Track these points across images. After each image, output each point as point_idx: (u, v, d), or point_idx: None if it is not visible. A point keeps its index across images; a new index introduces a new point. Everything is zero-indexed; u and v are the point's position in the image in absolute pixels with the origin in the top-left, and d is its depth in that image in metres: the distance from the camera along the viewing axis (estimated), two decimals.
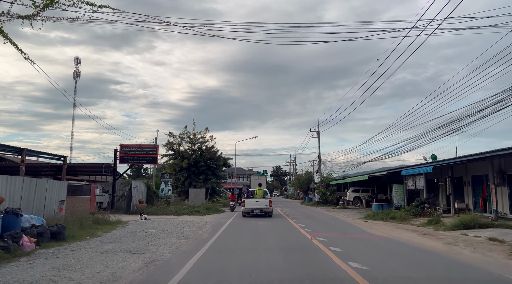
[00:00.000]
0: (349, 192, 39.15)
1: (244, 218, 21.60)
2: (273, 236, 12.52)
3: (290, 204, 47.29)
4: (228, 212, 27.85)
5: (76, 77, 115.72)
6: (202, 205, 26.80)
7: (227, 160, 41.23)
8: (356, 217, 24.12)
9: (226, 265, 7.49)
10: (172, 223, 17.25)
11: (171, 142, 39.56)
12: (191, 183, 38.81)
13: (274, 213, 24.61)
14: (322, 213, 28.54)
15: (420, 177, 26.24)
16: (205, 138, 40.95)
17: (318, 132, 49.02)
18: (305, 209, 34.33)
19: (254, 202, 21.62)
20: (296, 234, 13.17)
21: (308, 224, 17.85)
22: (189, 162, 38.58)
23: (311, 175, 64.69)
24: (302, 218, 21.84)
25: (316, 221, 19.94)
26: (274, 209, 26.41)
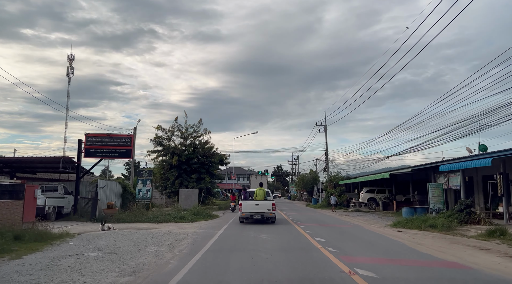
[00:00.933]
0: (362, 193, 34.30)
1: (241, 225, 16.89)
2: (282, 266, 7.68)
3: (294, 206, 42.42)
4: (223, 217, 23.05)
5: (69, 74, 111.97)
6: (191, 209, 21.97)
7: (223, 157, 36.43)
8: (382, 224, 19.30)
9: None
10: (139, 236, 12.44)
11: (160, 136, 34.80)
12: (182, 183, 34.02)
13: (277, 217, 19.98)
14: (336, 218, 23.69)
15: (455, 174, 21.49)
16: (198, 132, 36.21)
17: (325, 127, 44.26)
18: (314, 213, 29.47)
19: (254, 206, 17.67)
20: (319, 260, 8.34)
21: (327, 236, 13.02)
22: (180, 158, 33.79)
23: (316, 174, 59.88)
24: (315, 226, 17.01)
25: (336, 232, 15.10)
26: (278, 213, 21.68)
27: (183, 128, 35.80)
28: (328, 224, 18.58)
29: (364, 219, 22.78)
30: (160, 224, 17.59)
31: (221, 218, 22.84)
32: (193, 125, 36.13)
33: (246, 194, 19.87)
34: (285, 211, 31.89)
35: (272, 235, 13.05)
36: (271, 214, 17.49)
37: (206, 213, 21.82)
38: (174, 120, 35.41)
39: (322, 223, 19.10)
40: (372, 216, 25.83)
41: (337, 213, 29.08)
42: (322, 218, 23.71)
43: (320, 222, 20.18)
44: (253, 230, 14.68)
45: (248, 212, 17.47)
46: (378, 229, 16.63)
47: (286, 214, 26.90)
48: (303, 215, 26.45)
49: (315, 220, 21.24)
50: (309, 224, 18.16)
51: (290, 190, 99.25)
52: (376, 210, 31.89)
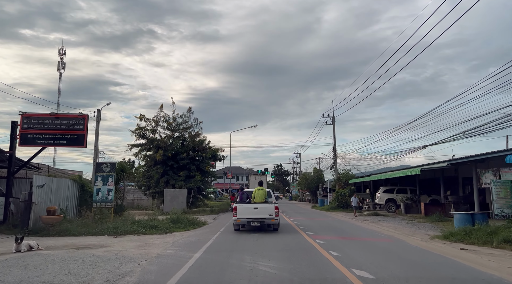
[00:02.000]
0: (379, 193, 29.26)
1: (233, 239, 11.90)
2: None
3: (299, 209, 37.37)
4: (212, 224, 18.11)
5: (60, 69, 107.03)
6: (170, 215, 16.96)
7: (217, 151, 31.36)
8: (423, 235, 14.33)
9: None
10: (60, 266, 7.45)
11: (143, 127, 29.76)
12: (168, 182, 29.01)
13: (281, 222, 15.94)
14: (358, 225, 18.67)
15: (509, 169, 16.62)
16: (188, 123, 31.17)
17: (332, 118, 39.22)
18: (325, 217, 24.42)
19: (252, 209, 13.95)
20: None
21: (370, 264, 7.95)
22: (166, 153, 28.77)
23: (320, 173, 54.87)
24: (338, 241, 11.98)
25: (376, 252, 10.02)
26: (281, 217, 16.96)
27: (170, 119, 30.78)
28: (354, 237, 13.53)
29: (393, 227, 17.78)
30: (120, 237, 12.58)
31: (210, 225, 17.81)
32: (181, 115, 31.14)
33: (242, 195, 15.71)
34: (289, 214, 26.85)
35: (279, 263, 7.99)
36: (273, 220, 13.89)
37: (190, 219, 16.77)
38: (159, 109, 30.36)
39: (344, 235, 14.04)
40: (398, 221, 20.82)
41: (351, 217, 24.02)
42: (339, 225, 18.67)
43: (340, 232, 15.14)
44: (248, 251, 9.62)
45: (245, 218, 13.88)
46: (430, 245, 11.59)
47: (292, 218, 21.87)
48: (314, 220, 21.40)
49: (333, 229, 16.21)
50: (328, 237, 13.12)
51: (291, 190, 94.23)
52: (397, 213, 26.87)
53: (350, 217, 24.79)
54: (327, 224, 18.88)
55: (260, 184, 15.89)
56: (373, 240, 12.46)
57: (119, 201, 19.31)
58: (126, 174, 19.93)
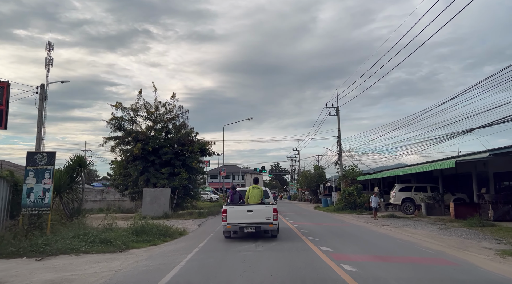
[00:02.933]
0: (395, 192, 25.18)
1: (220, 254, 7.86)
2: None
3: (300, 209, 33.29)
4: (194, 234, 14.01)
5: (48, 65, 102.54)
6: (132, 224, 12.70)
7: (206, 145, 27.16)
8: (481, 246, 10.31)
9: None
10: None
11: (120, 117, 25.54)
12: (148, 180, 24.83)
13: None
14: (383, 234, 14.55)
15: None
16: (172, 112, 26.98)
17: (337, 108, 35.13)
18: (334, 221, 20.31)
19: (245, 213, 11.70)
20: None
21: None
22: (146, 147, 24.59)
23: (321, 170, 50.84)
24: (376, 265, 7.84)
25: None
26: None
27: (152, 108, 26.58)
28: (392, 255, 9.38)
29: (427, 235, 13.74)
30: (47, 259, 8.43)
31: (190, 236, 13.65)
32: (165, 104, 26.91)
33: (234, 195, 12.82)
34: (291, 217, 22.75)
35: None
36: (271, 225, 11.65)
37: (162, 229, 12.55)
38: (138, 95, 26.13)
39: (376, 251, 9.91)
40: (426, 226, 16.78)
41: (365, 220, 19.89)
42: (358, 232, 14.56)
43: (366, 246, 11.02)
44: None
45: (236, 223, 11.61)
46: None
47: (295, 224, 17.75)
48: (323, 226, 17.27)
49: (354, 241, 12.08)
50: (355, 256, 8.96)
51: (289, 189, 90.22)
52: (417, 215, 22.83)
53: (365, 220, 20.68)
54: (342, 232, 14.75)
55: (255, 181, 13.07)
56: (425, 262, 8.31)
57: (76, 204, 15.12)
58: (85, 169, 15.71)
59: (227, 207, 11.71)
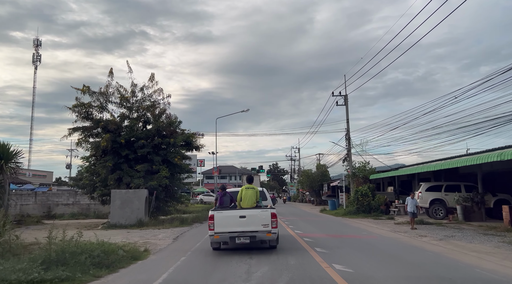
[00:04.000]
0: (421, 191, 20.72)
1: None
2: None
3: (304, 213, 28.80)
4: (156, 258, 9.39)
5: (36, 61, 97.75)
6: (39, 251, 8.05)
7: (192, 137, 22.61)
8: None
9: None
10: None
11: (86, 103, 20.97)
12: (120, 179, 20.33)
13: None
14: (438, 254, 10.00)
15: None
16: (152, 97, 22.48)
17: (345, 97, 30.69)
18: (359, 233, 15.80)
19: (237, 219, 9.42)
20: None
21: None
22: (117, 138, 20.13)
23: (325, 169, 46.38)
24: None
25: None
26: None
27: (127, 93, 22.06)
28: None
29: (497, 252, 9.35)
30: None
31: (152, 259, 9.12)
32: (142, 87, 22.37)
33: (223, 197, 10.78)
34: (294, 223, 18.22)
35: None
36: (269, 234, 9.35)
37: (100, 254, 7.94)
38: (108, 76, 21.57)
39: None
40: (479, 237, 12.40)
41: (406, 231, 15.41)
42: (398, 251, 10.08)
43: (423, 275, 6.55)
44: None
45: (226, 232, 9.33)
46: None
47: (301, 233, 13.23)
48: (342, 240, 12.77)
49: (399, 263, 7.58)
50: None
51: (288, 189, 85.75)
52: (451, 220, 18.41)
53: (390, 228, 16.20)
54: (374, 249, 10.26)
55: (249, 181, 11.14)
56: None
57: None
58: (10, 164, 11.15)
59: (214, 211, 9.61)
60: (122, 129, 20.90)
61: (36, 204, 29.95)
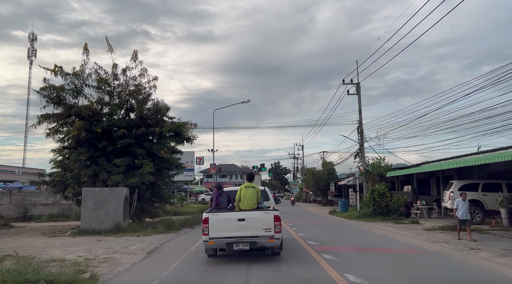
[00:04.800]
0: (452, 191, 17.44)
1: None
2: None
3: (311, 215, 25.55)
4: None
5: (31, 56, 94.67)
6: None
7: (183, 127, 19.30)
8: None
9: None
10: None
11: (57, 87, 17.73)
12: (96, 175, 17.11)
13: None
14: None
15: None
16: (135, 79, 19.26)
17: (357, 85, 27.41)
18: (392, 245, 12.49)
19: (235, 222, 8.41)
20: None
21: None
22: (93, 127, 16.94)
23: (331, 166, 43.09)
24: None
25: None
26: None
27: (108, 75, 18.84)
28: None
29: None
30: None
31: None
32: (125, 69, 19.14)
33: (219, 196, 9.36)
34: (303, 229, 14.91)
35: None
36: (271, 239, 8.23)
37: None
38: (83, 54, 18.29)
39: None
40: None
41: (456, 243, 12.10)
42: (466, 280, 6.81)
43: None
44: None
45: (223, 237, 8.28)
46: None
47: (317, 244, 9.96)
48: (378, 258, 9.51)
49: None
50: None
51: (291, 189, 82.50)
52: (494, 226, 15.13)
53: (424, 236, 12.91)
54: (447, 281, 6.96)
55: (249, 178, 9.78)
56: None
57: None
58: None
59: (209, 214, 8.54)
60: (99, 117, 17.69)
61: (11, 204, 26.72)
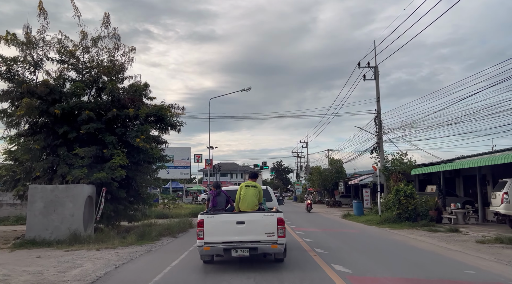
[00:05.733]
0: (507, 193, 13.69)
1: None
2: None
3: (322, 220, 21.80)
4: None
5: None
6: None
7: (166, 111, 15.46)
8: None
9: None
10: None
11: (9, 59, 14.03)
12: (54, 169, 13.37)
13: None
14: None
15: None
16: (113, 54, 15.62)
17: (375, 68, 23.73)
18: (454, 269, 8.77)
19: (234, 225, 7.45)
20: None
21: None
22: (50, 108, 13.29)
23: (339, 164, 39.38)
24: None
25: None
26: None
27: (77, 48, 15.20)
28: None
29: None
30: None
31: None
32: (96, 39, 15.48)
33: (217, 197, 8.43)
34: (318, 240, 11.12)
35: None
36: (274, 245, 7.29)
37: None
38: (38, 15, 14.62)
39: None
40: None
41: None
42: None
43: None
44: None
45: (220, 242, 7.42)
46: None
47: (342, 268, 6.28)
48: None
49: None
50: None
51: (294, 188, 78.68)
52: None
53: (496, 256, 9.19)
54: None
55: (252, 177, 9.01)
56: None
57: None
58: None
59: (205, 215, 7.48)
60: (60, 96, 14.01)
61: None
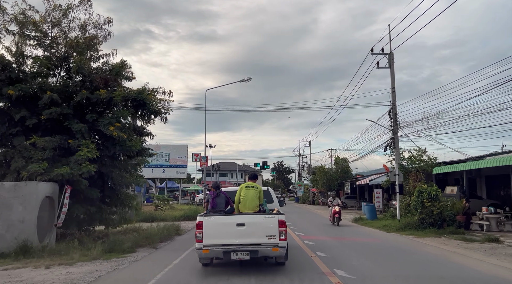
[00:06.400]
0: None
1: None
2: None
3: (330, 225, 19.27)
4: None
5: None
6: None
7: (149, 94, 12.88)
8: None
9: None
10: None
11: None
12: (8, 163, 10.91)
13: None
14: None
15: None
16: (86, 27, 13.13)
17: (390, 55, 21.16)
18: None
19: (233, 227, 7.31)
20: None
21: None
22: (3, 89, 10.77)
23: (345, 163, 36.84)
24: None
25: None
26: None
27: (45, 21, 12.72)
28: None
29: None
30: None
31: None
32: (67, 10, 12.98)
33: (216, 198, 8.15)
34: (326, 250, 8.58)
35: None
36: (275, 248, 7.26)
37: None
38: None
39: None
40: None
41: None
42: None
43: None
44: None
45: (219, 244, 7.29)
46: None
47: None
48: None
49: None
50: None
51: (296, 189, 76.15)
52: None
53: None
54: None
55: (252, 178, 8.76)
56: None
57: None
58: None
59: (203, 217, 7.38)
60: (18, 75, 11.53)
61: None
